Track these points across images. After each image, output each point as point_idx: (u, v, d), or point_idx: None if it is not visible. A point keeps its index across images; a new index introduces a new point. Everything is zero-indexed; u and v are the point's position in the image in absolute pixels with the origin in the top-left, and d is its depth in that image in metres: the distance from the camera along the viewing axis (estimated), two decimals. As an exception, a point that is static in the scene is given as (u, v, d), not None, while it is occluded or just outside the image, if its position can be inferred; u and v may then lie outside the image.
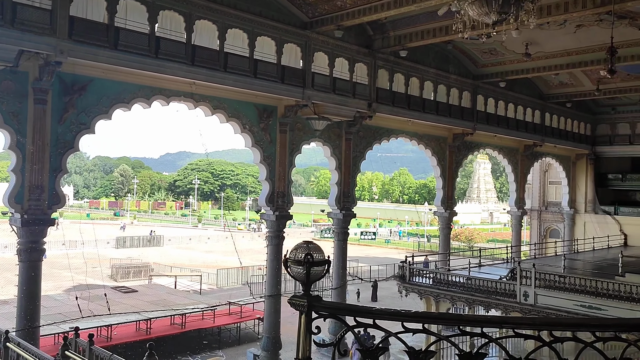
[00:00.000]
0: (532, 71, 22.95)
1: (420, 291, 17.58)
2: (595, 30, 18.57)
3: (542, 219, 34.86)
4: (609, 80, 24.27)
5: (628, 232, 31.16)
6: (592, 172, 33.05)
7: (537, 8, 14.95)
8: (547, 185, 35.32)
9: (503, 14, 9.31)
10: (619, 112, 31.59)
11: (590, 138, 32.65)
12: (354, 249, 45.69)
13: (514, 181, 28.95)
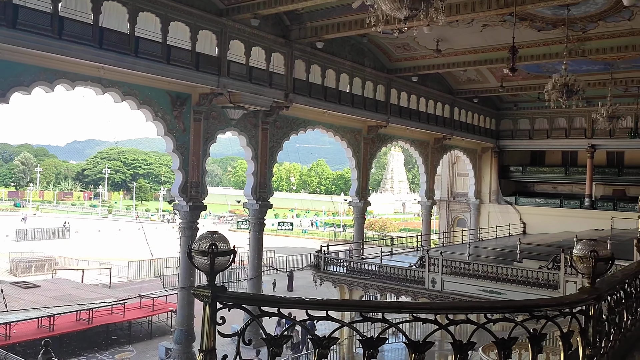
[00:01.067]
0: (442, 67, 23.91)
1: (334, 280, 17.90)
2: (500, 30, 19.62)
3: (450, 209, 36.54)
4: (511, 77, 25.71)
5: (527, 221, 33.37)
6: (496, 164, 35.02)
7: (447, 6, 15.58)
8: (455, 177, 37.04)
9: (414, 10, 9.58)
10: (520, 108, 33.66)
11: (495, 132, 34.56)
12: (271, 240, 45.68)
13: (424, 173, 30.10)
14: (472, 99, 30.66)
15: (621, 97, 27.89)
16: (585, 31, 19.03)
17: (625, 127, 29.06)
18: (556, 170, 35.01)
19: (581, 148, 32.21)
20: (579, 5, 16.99)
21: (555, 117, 32.55)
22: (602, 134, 29.93)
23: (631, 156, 33.11)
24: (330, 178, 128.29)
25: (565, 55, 17.80)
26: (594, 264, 3.28)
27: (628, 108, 28.63)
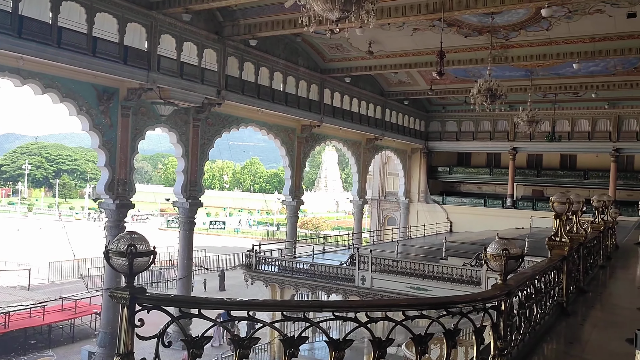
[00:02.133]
0: (374, 68, 24.36)
1: (266, 279, 17.86)
2: (429, 34, 20.23)
3: (381, 208, 37.32)
4: (439, 81, 26.61)
5: (453, 220, 34.61)
6: (425, 165, 36.11)
7: (378, 9, 15.90)
8: (386, 177, 37.88)
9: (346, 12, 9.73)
10: (448, 110, 34.87)
11: (424, 134, 35.61)
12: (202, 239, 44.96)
13: (356, 172, 30.59)
14: (402, 100, 31.45)
15: (540, 103, 29.51)
16: (508, 39, 19.97)
17: (544, 130, 30.68)
18: (481, 171, 36.55)
19: (504, 150, 33.77)
20: (502, 14, 17.81)
21: (480, 120, 33.94)
22: (523, 137, 31.55)
23: (549, 158, 35.11)
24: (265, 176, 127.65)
25: (489, 61, 18.64)
26: (505, 262, 3.46)
27: (546, 113, 30.28)
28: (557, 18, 17.72)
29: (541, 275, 4.76)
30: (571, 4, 15.85)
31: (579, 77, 24.27)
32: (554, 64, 22.24)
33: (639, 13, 16.40)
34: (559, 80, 25.26)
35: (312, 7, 9.93)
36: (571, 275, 6.45)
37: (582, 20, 17.70)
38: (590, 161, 33.14)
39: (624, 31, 17.83)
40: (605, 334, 5.13)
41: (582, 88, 25.56)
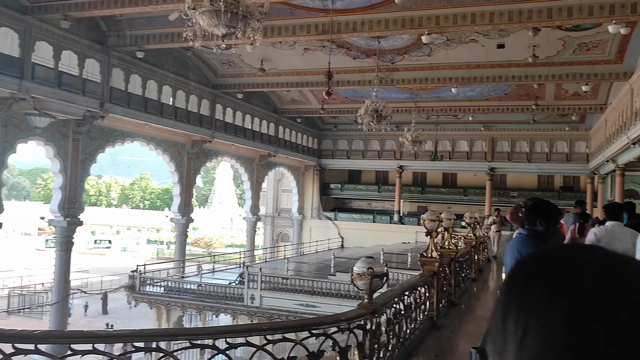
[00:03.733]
0: (266, 86, 24.43)
1: (150, 300, 17.07)
2: (320, 55, 20.67)
3: (275, 224, 37.29)
4: (330, 100, 27.29)
5: (345, 235, 35.38)
6: (318, 182, 36.68)
7: (269, 28, 16.01)
8: (280, 193, 37.98)
9: (232, 28, 9.68)
10: (340, 129, 35.78)
11: (317, 151, 36.22)
12: (85, 259, 42.18)
13: (249, 189, 30.36)
14: (295, 118, 31.80)
15: (424, 124, 31.16)
16: (393, 62, 20.93)
17: (428, 150, 32.45)
18: (370, 188, 37.79)
19: (392, 168, 35.18)
20: (387, 38, 18.64)
21: (369, 139, 35.14)
22: (409, 156, 33.02)
23: (432, 176, 37.11)
24: (155, 193, 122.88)
25: (376, 83, 19.42)
26: (371, 281, 3.52)
27: (429, 133, 32.04)
28: (437, 45, 18.87)
29: (411, 292, 4.94)
30: (448, 33, 16.94)
31: (457, 101, 25.95)
32: (436, 87, 23.62)
33: (507, 44, 17.90)
34: (440, 103, 26.85)
35: (197, 21, 9.80)
36: (443, 289, 6.77)
37: (459, 49, 18.99)
38: (468, 179, 35.47)
39: (495, 60, 19.38)
40: (472, 345, 5.40)
41: (460, 111, 27.35)
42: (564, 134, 31.01)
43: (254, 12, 9.82)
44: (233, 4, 9.49)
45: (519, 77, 20.07)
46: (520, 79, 20.19)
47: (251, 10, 9.85)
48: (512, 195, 33.30)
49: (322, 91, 22.32)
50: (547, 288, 0.51)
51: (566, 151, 31.30)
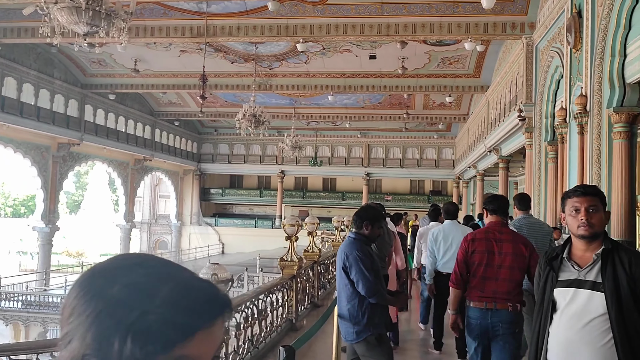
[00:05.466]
0: (141, 87, 23.50)
1: (6, 317, 15.65)
2: (197, 57, 20.27)
3: (152, 231, 35.93)
4: (210, 104, 26.94)
5: (226, 241, 34.98)
6: (198, 187, 35.92)
7: (141, 28, 15.48)
8: (158, 199, 36.69)
9: (94, 26, 9.21)
10: (220, 133, 35.35)
11: (197, 155, 35.47)
12: None
13: (124, 194, 28.99)
14: (173, 121, 30.92)
15: (304, 130, 31.84)
16: (272, 68, 21.11)
17: (308, 155, 33.17)
18: (252, 193, 37.73)
19: (273, 173, 35.41)
20: (265, 44, 18.77)
21: (251, 144, 35.12)
22: (290, 161, 33.57)
23: (313, 181, 37.92)
24: (19, 199, 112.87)
25: (254, 88, 19.49)
26: (215, 286, 3.53)
27: (309, 139, 32.79)
28: (314, 53, 19.35)
29: (267, 295, 5.02)
30: (323, 42, 17.45)
31: (335, 108, 26.77)
32: (314, 94, 24.17)
33: (378, 56, 18.80)
34: (319, 110, 27.52)
35: (56, 17, 9.21)
36: (305, 291, 6.96)
37: (335, 58, 19.62)
38: (347, 184, 36.71)
39: (368, 70, 20.27)
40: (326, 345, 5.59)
41: (338, 118, 28.22)
42: (433, 141, 33.19)
43: (119, 12, 9.45)
44: (95, 1, 9.06)
45: (390, 87, 21.14)
46: (391, 89, 21.28)
47: (116, 9, 9.46)
48: (387, 199, 34.97)
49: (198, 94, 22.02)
50: (88, 292, 0.62)
51: (435, 158, 33.51)
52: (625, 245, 2.27)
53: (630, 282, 2.09)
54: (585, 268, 2.21)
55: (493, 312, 3.42)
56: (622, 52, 9.03)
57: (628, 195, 8.99)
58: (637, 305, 2.09)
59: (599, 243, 2.23)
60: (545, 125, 12.95)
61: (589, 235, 2.25)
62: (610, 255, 2.17)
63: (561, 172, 11.60)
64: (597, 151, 9.55)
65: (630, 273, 2.10)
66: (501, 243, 3.55)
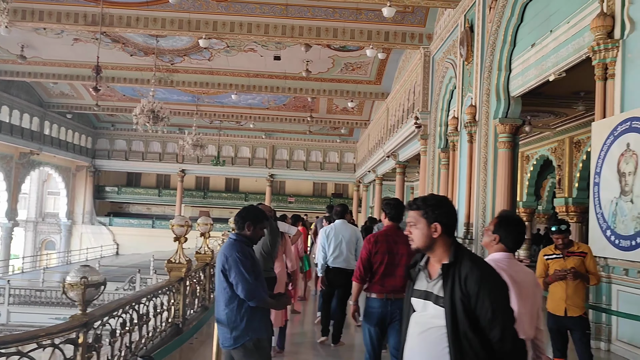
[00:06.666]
0: (29, 75, 21.83)
1: None
2: (92, 47, 19.11)
3: (38, 230, 33.43)
4: (106, 97, 25.60)
5: (120, 242, 33.35)
6: (92, 184, 33.98)
7: (28, 11, 14.36)
8: (46, 196, 34.26)
9: (-32, 5, 8.40)
10: (118, 128, 33.70)
11: (91, 151, 33.55)
12: None
13: (6, 190, 26.72)
14: (65, 114, 29.03)
15: (207, 128, 31.11)
16: (173, 63, 20.41)
17: (210, 155, 32.48)
18: (150, 192, 36.30)
19: (173, 172, 34.30)
20: (167, 38, 18.10)
21: (150, 140, 33.80)
22: (191, 160, 32.69)
23: (215, 181, 37.21)
24: None
25: (154, 83, 18.74)
26: (84, 291, 3.27)
27: (212, 138, 32.14)
28: (217, 50, 18.95)
29: (149, 299, 4.75)
30: (227, 40, 17.13)
31: (239, 108, 26.43)
32: (217, 92, 23.68)
33: (283, 57, 18.78)
34: (222, 109, 27.02)
35: None
36: (195, 294, 6.71)
37: (239, 56, 19.34)
38: (250, 185, 36.40)
39: (272, 71, 20.19)
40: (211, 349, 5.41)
41: (242, 118, 27.88)
42: (336, 145, 33.77)
43: (-2, -10, 8.67)
44: (-30, -24, 8.25)
45: (294, 89, 21.20)
46: (295, 91, 21.34)
47: (-5, -13, 8.68)
48: (290, 201, 35.09)
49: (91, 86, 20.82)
50: None
51: (337, 161, 34.11)
52: (472, 257, 2.15)
53: (464, 299, 2.02)
54: (433, 280, 2.19)
55: (392, 302, 3.99)
56: (508, 66, 9.63)
57: (510, 201, 9.59)
58: (470, 320, 2.01)
59: (447, 255, 2.16)
60: (439, 133, 13.55)
61: (415, 250, 2.25)
62: (451, 270, 2.09)
63: (452, 178, 12.19)
64: (484, 159, 10.12)
65: (465, 289, 2.03)
66: (397, 245, 4.11)
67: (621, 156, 5.76)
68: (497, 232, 2.79)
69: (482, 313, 2.00)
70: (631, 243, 5.48)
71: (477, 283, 2.02)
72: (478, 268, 2.06)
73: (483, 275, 2.04)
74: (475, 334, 2.02)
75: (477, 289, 2.01)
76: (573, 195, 14.15)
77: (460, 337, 2.02)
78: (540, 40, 8.34)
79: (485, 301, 1.99)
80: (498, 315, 1.99)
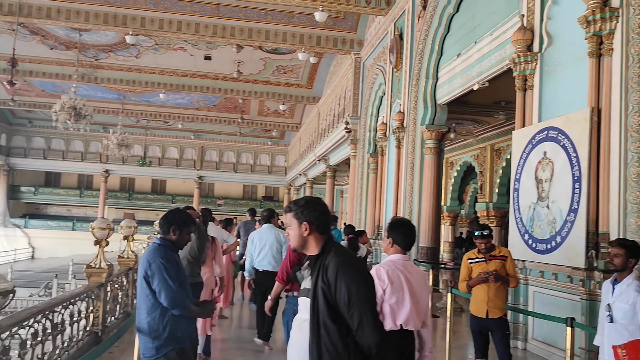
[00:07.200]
0: None
1: None
2: (8, 38, 17.99)
3: (-57, 233, 31.01)
4: (24, 92, 24.18)
5: (37, 245, 31.54)
6: (5, 183, 31.96)
7: None
8: (-47, 196, 31.82)
9: None
10: (36, 126, 31.90)
11: (5, 148, 31.57)
12: None
13: None
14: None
15: (133, 127, 30.04)
16: (97, 59, 19.57)
17: (137, 155, 31.41)
18: (71, 193, 34.61)
19: (97, 172, 32.88)
20: (91, 33, 17.32)
21: (72, 139, 32.25)
22: (116, 160, 31.44)
23: (141, 182, 35.98)
24: None
25: (76, 79, 17.88)
26: (-10, 300, 3.03)
27: (139, 138, 31.11)
28: (145, 48, 18.36)
29: (65, 307, 4.49)
30: (156, 37, 16.63)
31: (167, 107, 25.70)
32: (145, 91, 22.91)
33: (214, 57, 18.48)
34: (150, 108, 26.17)
35: None
36: (117, 300, 6.43)
37: (168, 55, 18.83)
38: (178, 186, 35.49)
39: (203, 71, 19.81)
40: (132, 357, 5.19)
41: (171, 118, 27.13)
42: (267, 148, 33.60)
43: None
44: None
45: (225, 90, 20.89)
46: (226, 92, 21.03)
47: None
48: (219, 204, 34.54)
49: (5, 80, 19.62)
50: None
51: (268, 164, 33.94)
52: (338, 248, 2.18)
53: (325, 287, 2.07)
54: (309, 276, 2.32)
55: None
56: (435, 75, 9.93)
57: (435, 205, 9.87)
58: (330, 309, 2.05)
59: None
60: (368, 138, 13.77)
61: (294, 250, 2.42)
62: (317, 263, 2.15)
63: (380, 182, 12.41)
64: (411, 164, 10.37)
65: (326, 277, 2.07)
66: None
67: (538, 164, 6.06)
68: (390, 236, 3.00)
69: (339, 300, 2.03)
70: (547, 246, 5.77)
71: (334, 270, 2.06)
72: (338, 257, 2.10)
73: (341, 263, 2.07)
74: (335, 324, 2.04)
75: (335, 276, 2.05)
76: (493, 200, 14.78)
77: (320, 326, 2.06)
78: (466, 50, 8.66)
79: (342, 288, 2.02)
80: (355, 302, 2.00)
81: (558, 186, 5.68)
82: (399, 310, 2.79)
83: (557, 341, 5.52)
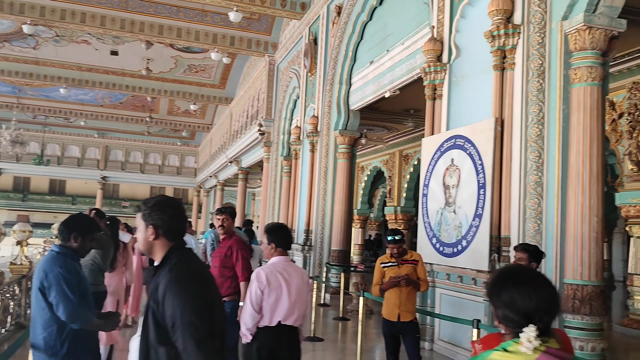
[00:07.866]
0: None
1: None
2: None
3: None
4: None
5: None
6: None
7: None
8: None
9: None
10: None
11: None
12: None
13: None
14: None
15: (30, 123, 28.03)
16: (-13, 49, 18.07)
17: (33, 153, 29.35)
18: (-45, 193, 31.69)
19: (-16, 171, 30.33)
20: (-17, 19, 15.96)
21: (-42, 134, 29.50)
22: (9, 158, 29.14)
23: (37, 182, 33.61)
24: None
25: (-37, 69, 16.39)
26: None
27: (36, 135, 29.10)
28: (45, 39, 17.20)
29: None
30: (57, 28, 15.63)
31: (69, 103, 24.21)
32: (43, 85, 21.44)
33: (121, 53, 17.66)
34: (49, 103, 24.52)
35: None
36: (8, 311, 5.94)
37: (70, 47, 17.75)
38: (79, 187, 33.55)
39: (108, 67, 18.86)
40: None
41: (72, 114, 25.59)
42: (176, 148, 32.61)
43: None
44: None
45: (132, 88, 20.04)
46: (134, 90, 20.18)
47: None
48: (124, 206, 33.07)
49: None
50: None
51: (177, 165, 32.94)
52: (176, 261, 1.87)
53: (154, 306, 1.80)
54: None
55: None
56: (348, 81, 10.08)
57: (347, 209, 10.00)
58: (159, 331, 1.78)
59: None
60: (282, 141, 13.74)
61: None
62: (155, 275, 1.88)
63: (294, 186, 12.41)
64: (324, 168, 10.45)
65: (156, 295, 1.81)
66: (232, 247, 4.67)
67: (446, 170, 6.29)
68: (272, 241, 3.22)
69: (166, 322, 1.77)
70: (453, 250, 6.00)
71: (164, 288, 1.79)
72: (171, 273, 1.82)
73: (171, 282, 1.79)
74: (164, 346, 1.77)
75: (163, 296, 1.78)
76: (401, 205, 15.27)
77: (150, 349, 1.80)
78: (378, 58, 8.86)
79: (168, 309, 1.76)
80: (178, 327, 1.74)
81: (464, 192, 5.93)
82: (277, 308, 3.09)
83: (461, 341, 5.75)
